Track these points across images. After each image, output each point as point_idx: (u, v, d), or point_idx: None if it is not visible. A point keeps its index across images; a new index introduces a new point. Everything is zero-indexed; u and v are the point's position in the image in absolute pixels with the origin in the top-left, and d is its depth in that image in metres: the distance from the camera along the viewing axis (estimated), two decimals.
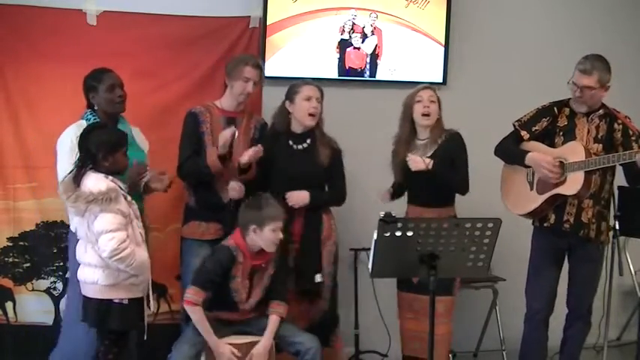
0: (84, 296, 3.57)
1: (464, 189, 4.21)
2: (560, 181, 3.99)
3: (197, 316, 3.75)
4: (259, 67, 4.23)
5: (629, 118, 4.08)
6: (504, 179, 4.27)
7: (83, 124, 3.89)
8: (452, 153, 4.18)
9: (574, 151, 3.98)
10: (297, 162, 4.18)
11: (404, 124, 4.24)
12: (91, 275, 3.48)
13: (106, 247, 3.37)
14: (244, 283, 3.82)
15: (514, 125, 4.20)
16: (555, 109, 4.14)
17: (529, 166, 4.11)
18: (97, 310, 3.50)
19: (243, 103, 4.26)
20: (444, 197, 4.22)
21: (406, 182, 4.26)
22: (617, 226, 4.29)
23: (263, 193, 3.93)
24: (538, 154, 4.05)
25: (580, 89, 4.00)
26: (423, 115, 4.16)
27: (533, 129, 4.14)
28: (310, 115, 4.15)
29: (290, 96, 4.19)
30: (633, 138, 4.01)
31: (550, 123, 4.12)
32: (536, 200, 4.08)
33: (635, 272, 5.26)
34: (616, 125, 4.05)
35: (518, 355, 4.37)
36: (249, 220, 3.80)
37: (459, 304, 4.50)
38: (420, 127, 4.22)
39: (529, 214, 4.15)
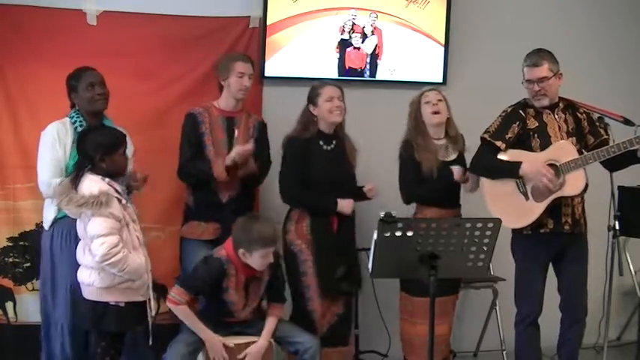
0: (81, 297, 3.57)
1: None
2: (558, 185, 3.93)
3: (182, 313, 3.73)
4: (250, 61, 4.25)
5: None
6: (490, 196, 4.08)
7: (67, 121, 3.92)
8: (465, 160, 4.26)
9: (565, 151, 3.93)
10: (331, 163, 4.20)
11: (415, 128, 4.22)
12: (88, 277, 3.48)
13: (97, 252, 3.36)
14: (239, 294, 3.80)
15: (484, 138, 4.07)
16: (521, 112, 4.07)
17: (520, 177, 3.99)
18: (93, 312, 3.50)
19: (242, 101, 4.26)
20: (456, 197, 4.25)
21: (423, 184, 4.20)
22: (617, 226, 4.27)
23: (257, 213, 3.91)
24: (532, 164, 3.93)
25: (536, 83, 3.99)
26: (433, 113, 4.17)
27: (507, 137, 4.03)
28: (336, 110, 4.18)
29: (313, 99, 4.20)
30: (598, 124, 4.03)
31: (521, 128, 4.04)
32: (537, 209, 3.96)
33: (635, 272, 5.26)
34: (579, 115, 4.05)
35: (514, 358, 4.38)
36: (238, 242, 3.72)
37: (458, 304, 4.51)
38: (432, 127, 4.22)
39: (529, 225, 4.01)
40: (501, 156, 4.03)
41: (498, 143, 4.02)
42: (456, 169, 4.16)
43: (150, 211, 4.30)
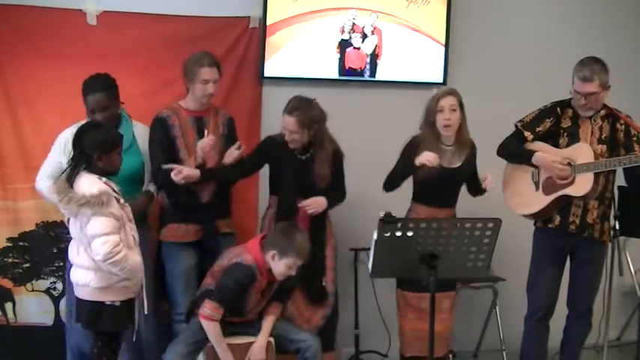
0: (76, 297, 3.57)
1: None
2: (567, 182, 4.00)
3: (214, 331, 3.73)
4: (215, 65, 4.15)
5: (629, 117, 4.08)
6: (507, 179, 4.25)
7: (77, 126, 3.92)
8: (474, 165, 4.27)
9: (582, 153, 3.99)
10: (300, 171, 4.19)
11: (426, 128, 4.19)
12: (84, 277, 3.47)
13: (100, 251, 3.35)
14: (257, 297, 3.81)
15: (516, 126, 4.19)
16: (558, 109, 4.13)
17: (535, 166, 4.11)
18: (89, 312, 3.49)
19: (207, 104, 4.22)
20: (453, 199, 4.26)
21: (421, 182, 4.19)
22: (617, 226, 4.29)
23: (298, 226, 3.90)
24: (546, 154, 4.06)
25: (584, 97, 3.99)
26: (445, 126, 4.13)
27: (537, 130, 4.13)
28: (289, 141, 4.15)
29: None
30: (635, 139, 4.03)
31: (553, 124, 4.12)
32: (543, 201, 4.08)
33: (635, 272, 5.25)
34: (618, 125, 4.07)
35: (518, 355, 4.39)
36: (273, 244, 3.73)
37: (458, 304, 4.51)
38: (443, 134, 4.20)
39: (533, 215, 4.16)
40: (529, 145, 4.14)
41: (527, 134, 4.14)
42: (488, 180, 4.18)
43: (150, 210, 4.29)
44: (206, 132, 4.13)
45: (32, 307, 4.39)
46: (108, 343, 3.55)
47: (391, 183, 4.23)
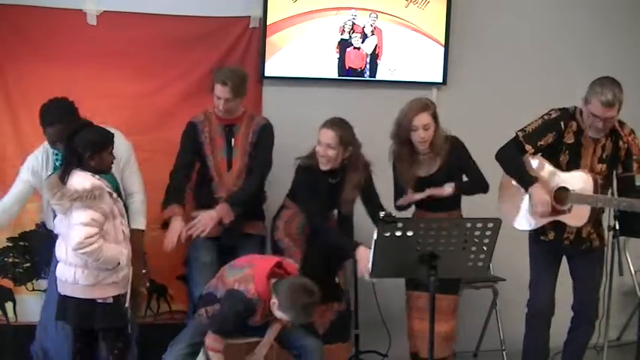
0: (62, 295, 3.57)
1: (485, 188, 4.21)
2: (564, 210, 3.94)
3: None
4: (226, 84, 4.12)
5: (633, 133, 4.01)
6: (504, 191, 4.16)
7: (49, 152, 3.93)
8: (458, 162, 4.19)
9: (582, 183, 3.91)
10: (330, 195, 4.17)
11: (400, 143, 4.18)
12: (71, 274, 3.48)
13: (75, 239, 3.38)
14: (262, 319, 3.76)
15: (517, 135, 4.04)
16: (562, 124, 3.98)
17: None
18: (78, 310, 3.50)
19: (227, 117, 4.23)
20: (453, 202, 4.24)
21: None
22: (617, 226, 4.29)
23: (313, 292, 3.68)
24: (541, 194, 3.91)
25: (603, 121, 3.86)
26: (421, 142, 4.11)
27: (539, 143, 3.99)
28: (322, 158, 4.09)
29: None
30: (635, 158, 3.98)
31: (556, 139, 3.99)
32: (537, 222, 4.03)
33: (635, 272, 5.26)
34: (621, 144, 3.99)
35: (518, 355, 4.39)
36: (280, 294, 3.61)
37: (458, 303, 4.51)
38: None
39: (528, 230, 4.12)
40: (529, 157, 4.03)
41: (528, 147, 4.00)
42: (448, 189, 4.14)
43: (150, 211, 4.28)
44: (233, 141, 4.18)
45: (33, 306, 4.38)
46: (115, 339, 3.58)
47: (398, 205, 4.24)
